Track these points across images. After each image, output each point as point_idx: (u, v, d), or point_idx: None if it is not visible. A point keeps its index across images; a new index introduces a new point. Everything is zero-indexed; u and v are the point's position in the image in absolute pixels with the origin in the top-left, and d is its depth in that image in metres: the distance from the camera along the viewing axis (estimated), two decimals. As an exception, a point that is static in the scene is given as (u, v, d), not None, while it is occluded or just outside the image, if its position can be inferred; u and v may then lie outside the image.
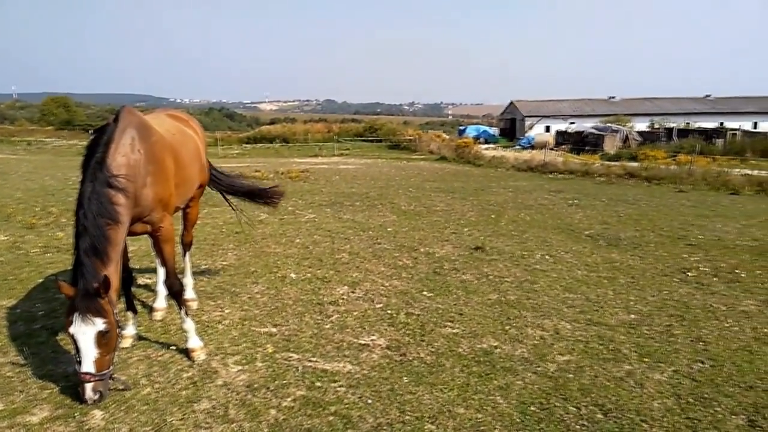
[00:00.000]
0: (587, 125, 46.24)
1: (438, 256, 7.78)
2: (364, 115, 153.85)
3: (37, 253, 7.63)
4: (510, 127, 61.62)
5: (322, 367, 4.25)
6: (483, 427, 3.44)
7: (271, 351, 4.51)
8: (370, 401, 3.73)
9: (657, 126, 47.00)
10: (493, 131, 57.17)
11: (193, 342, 4.41)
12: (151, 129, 4.12)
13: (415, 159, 31.65)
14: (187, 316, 4.43)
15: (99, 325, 3.42)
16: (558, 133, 47.08)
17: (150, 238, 4.40)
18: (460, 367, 4.27)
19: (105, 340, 3.48)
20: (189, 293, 5.51)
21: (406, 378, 4.08)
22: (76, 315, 3.39)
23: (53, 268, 6.77)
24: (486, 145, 41.98)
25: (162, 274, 5.03)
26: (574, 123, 52.32)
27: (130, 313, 4.64)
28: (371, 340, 4.77)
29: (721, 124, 48.61)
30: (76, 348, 3.47)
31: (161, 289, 5.29)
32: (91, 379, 3.47)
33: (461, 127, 60.30)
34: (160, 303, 5.34)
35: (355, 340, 4.77)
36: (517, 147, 43.00)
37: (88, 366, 3.46)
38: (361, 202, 12.92)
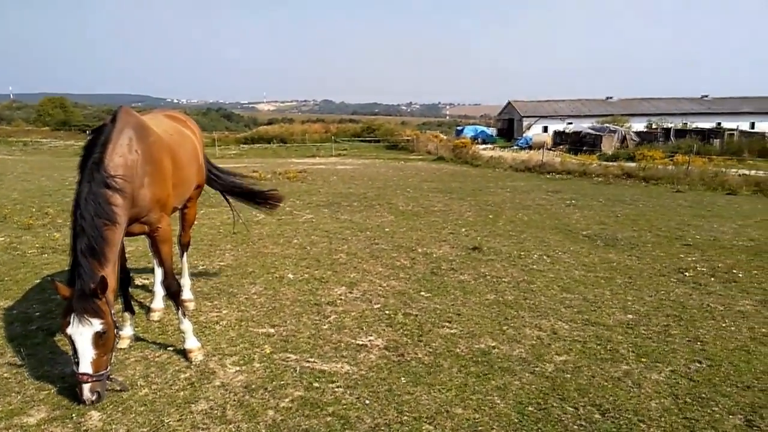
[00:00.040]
0: (585, 125, 46.38)
1: (436, 256, 7.79)
2: (362, 115, 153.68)
3: (33, 253, 7.61)
4: (508, 127, 61.72)
5: (320, 367, 4.24)
6: (481, 428, 3.44)
7: (268, 352, 4.50)
8: (368, 402, 3.73)
9: (654, 126, 47.15)
10: (491, 131, 57.28)
11: (191, 343, 4.40)
12: (148, 129, 4.12)
13: (413, 159, 31.68)
14: (185, 317, 4.42)
15: (96, 325, 3.42)
16: (556, 133, 47.19)
17: (147, 238, 4.40)
18: (458, 367, 4.27)
19: (102, 341, 3.48)
20: (186, 294, 5.50)
21: (404, 378, 4.08)
22: (73, 316, 3.39)
23: (50, 269, 6.75)
24: (484, 146, 42.03)
25: (159, 275, 5.03)
26: (571, 123, 52.43)
27: (127, 313, 4.63)
28: (369, 341, 4.77)
29: (719, 124, 48.80)
30: (74, 349, 3.47)
31: (159, 289, 5.27)
32: (89, 379, 3.46)
33: (459, 128, 60.39)
34: (158, 304, 5.33)
35: (353, 341, 4.77)
36: (515, 147, 43.05)
37: (85, 367, 3.45)
38: (359, 203, 12.93)
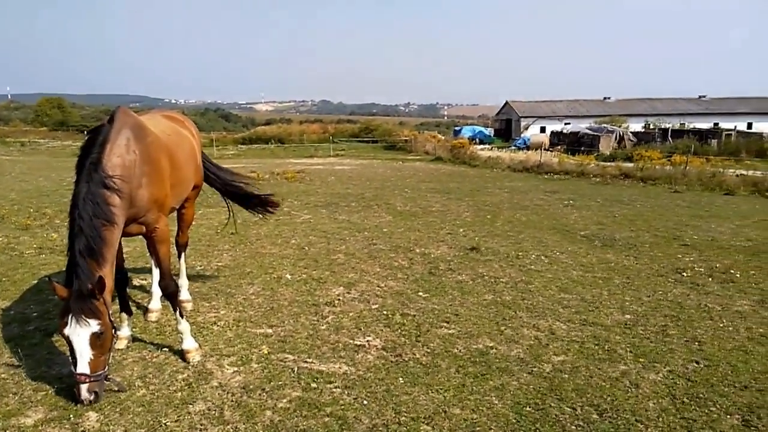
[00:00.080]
0: (582, 126, 46.39)
1: (434, 256, 7.79)
2: (360, 115, 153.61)
3: (31, 254, 7.59)
4: (505, 127, 61.77)
5: (318, 368, 4.24)
6: (479, 428, 3.44)
7: (266, 352, 4.50)
8: (365, 402, 3.73)
9: (652, 126, 47.23)
10: (489, 132, 57.27)
11: (188, 343, 4.39)
12: (146, 130, 4.11)
13: (411, 160, 31.69)
14: (182, 318, 4.41)
15: (94, 326, 3.41)
16: (553, 133, 47.20)
17: (145, 239, 4.39)
18: (456, 367, 4.27)
19: (100, 342, 3.47)
20: (184, 294, 5.49)
21: (401, 379, 4.08)
22: (70, 316, 3.39)
23: (47, 270, 6.73)
24: (481, 146, 42.05)
25: (157, 275, 5.01)
26: (569, 123, 52.48)
27: (124, 314, 4.62)
28: (367, 341, 4.77)
29: (716, 124, 48.90)
30: (71, 349, 3.46)
31: (156, 290, 5.27)
32: (87, 380, 3.46)
33: (457, 128, 60.37)
34: (155, 304, 5.32)
35: (351, 341, 4.76)
36: (513, 147, 43.07)
37: (83, 367, 3.45)
38: (357, 203, 12.93)
